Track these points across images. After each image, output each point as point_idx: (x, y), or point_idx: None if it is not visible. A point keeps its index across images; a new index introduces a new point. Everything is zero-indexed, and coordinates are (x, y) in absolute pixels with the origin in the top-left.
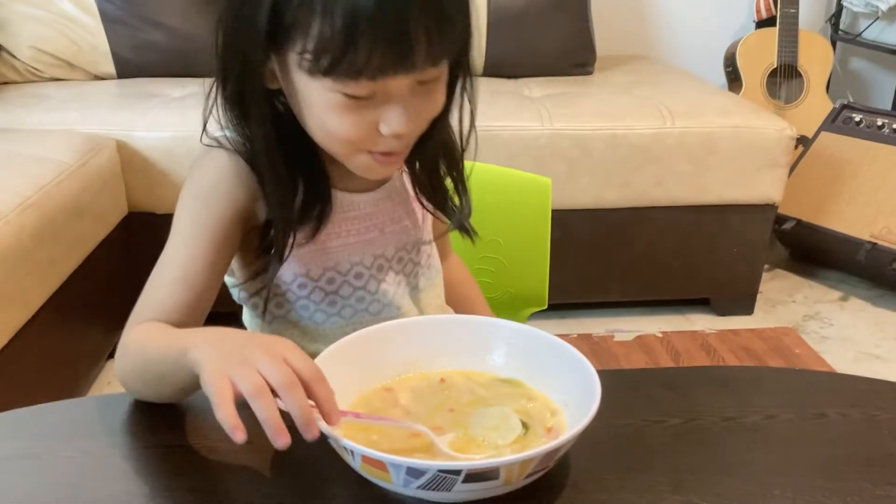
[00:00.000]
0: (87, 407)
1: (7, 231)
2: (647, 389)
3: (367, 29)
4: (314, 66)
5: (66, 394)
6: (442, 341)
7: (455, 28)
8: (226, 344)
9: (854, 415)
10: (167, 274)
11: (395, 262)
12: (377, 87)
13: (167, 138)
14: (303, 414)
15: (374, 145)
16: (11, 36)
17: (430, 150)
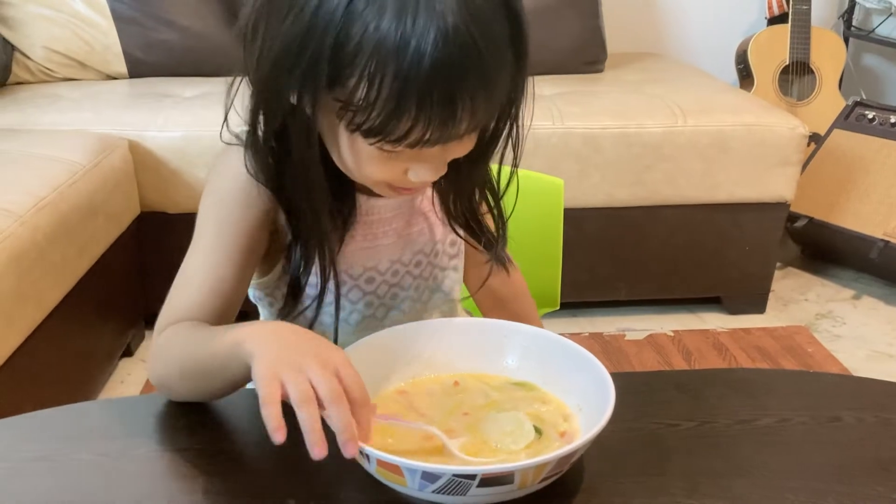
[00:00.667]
0: (102, 410)
1: (22, 231)
2: (661, 392)
3: (414, 104)
4: (352, 123)
5: (80, 392)
6: (456, 344)
7: (501, 93)
8: (281, 341)
9: (868, 418)
10: (194, 281)
11: (413, 267)
12: None
13: (179, 138)
14: (346, 430)
15: (400, 184)
16: (25, 37)
17: (467, 190)
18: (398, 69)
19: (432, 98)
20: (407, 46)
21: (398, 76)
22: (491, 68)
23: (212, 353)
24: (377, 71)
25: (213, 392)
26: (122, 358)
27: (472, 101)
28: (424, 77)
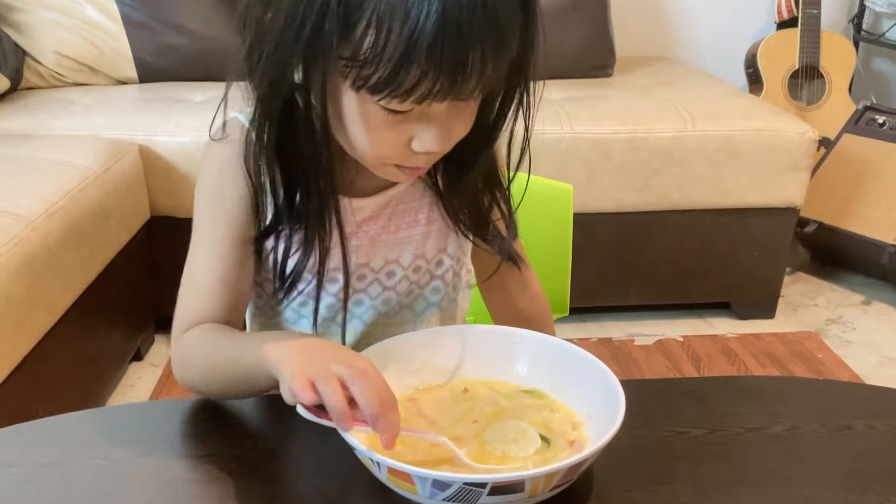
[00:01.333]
0: (113, 416)
1: (34, 236)
2: (670, 400)
3: (424, 56)
4: (359, 78)
5: (90, 396)
6: (466, 351)
7: (511, 52)
8: (306, 351)
9: (880, 426)
10: (202, 278)
11: (412, 272)
12: (419, 106)
13: (189, 143)
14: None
15: (403, 160)
16: (36, 42)
17: (471, 181)
18: (407, 16)
19: (442, 47)
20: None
21: (407, 23)
22: (502, 24)
23: (236, 365)
24: (385, 18)
25: (242, 396)
26: (132, 362)
27: (482, 54)
28: (435, 25)
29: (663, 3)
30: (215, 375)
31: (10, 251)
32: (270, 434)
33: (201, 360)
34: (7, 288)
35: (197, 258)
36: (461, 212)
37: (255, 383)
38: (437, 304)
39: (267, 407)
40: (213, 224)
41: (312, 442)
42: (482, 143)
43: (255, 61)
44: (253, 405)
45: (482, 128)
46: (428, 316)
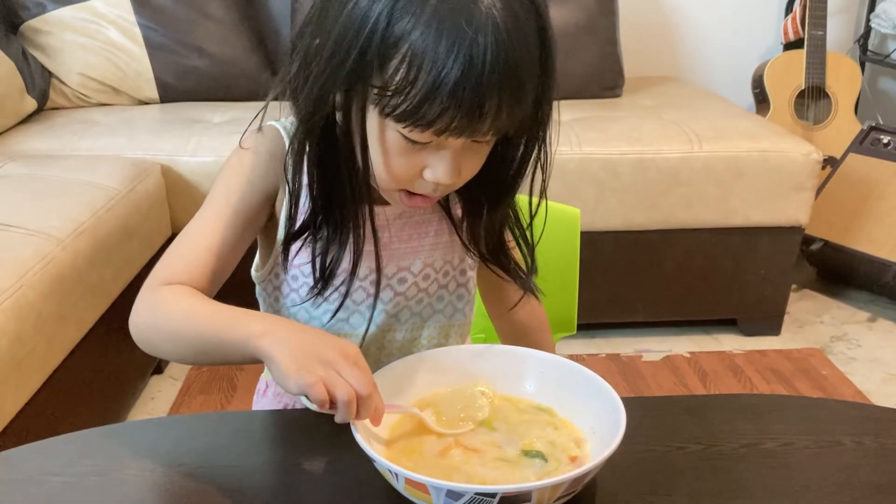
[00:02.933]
0: (150, 428)
1: (64, 256)
2: (671, 416)
3: (446, 94)
4: (387, 106)
5: (113, 408)
6: (476, 369)
7: (526, 101)
8: (296, 338)
9: (868, 443)
10: (197, 240)
11: (421, 279)
12: (436, 139)
13: (210, 163)
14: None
15: (413, 187)
16: (62, 64)
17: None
18: (436, 59)
19: (464, 90)
20: (448, 41)
21: (436, 66)
22: (520, 76)
23: (215, 335)
24: (417, 58)
25: (204, 363)
26: (153, 375)
27: (499, 100)
28: (460, 70)
29: (672, 24)
30: (186, 339)
31: (42, 269)
32: (292, 447)
33: (175, 318)
34: (40, 305)
35: (199, 222)
36: (480, 243)
37: (229, 357)
38: (443, 311)
39: (288, 421)
40: (226, 199)
41: (332, 455)
42: (503, 193)
43: (301, 82)
44: (275, 420)
45: (503, 178)
46: (434, 322)
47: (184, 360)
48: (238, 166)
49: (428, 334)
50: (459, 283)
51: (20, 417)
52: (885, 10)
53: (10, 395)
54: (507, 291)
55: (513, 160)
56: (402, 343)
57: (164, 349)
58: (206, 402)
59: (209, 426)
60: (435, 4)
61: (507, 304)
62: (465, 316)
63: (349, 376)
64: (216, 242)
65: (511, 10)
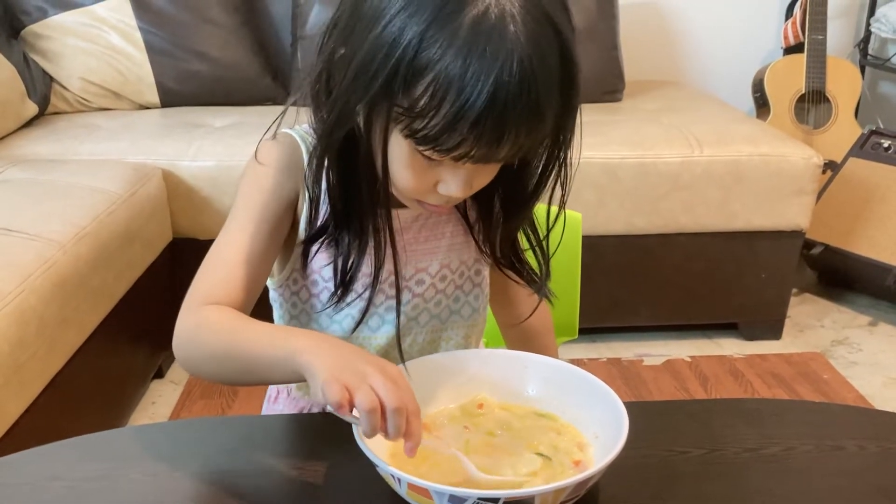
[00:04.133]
0: (151, 433)
1: (66, 260)
2: (673, 421)
3: (468, 126)
4: (409, 128)
5: (115, 412)
6: (480, 374)
7: (545, 127)
8: (337, 352)
9: (871, 447)
10: (228, 255)
11: (439, 280)
12: None
13: (211, 167)
14: (398, 436)
15: (428, 198)
16: (63, 69)
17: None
18: (461, 91)
19: (486, 122)
20: (473, 74)
21: (460, 97)
22: (542, 105)
23: (259, 354)
24: (443, 86)
25: (248, 383)
26: (154, 379)
27: (517, 130)
28: (483, 103)
29: (672, 28)
30: (230, 359)
31: (44, 274)
32: (295, 452)
33: (218, 339)
34: (42, 309)
35: (226, 238)
36: (495, 248)
37: (273, 375)
38: (459, 311)
39: (291, 426)
40: (250, 210)
41: (335, 459)
42: (520, 206)
43: (323, 92)
44: (279, 424)
45: (521, 192)
46: (452, 324)
47: (228, 381)
48: (255, 179)
49: (446, 335)
50: (475, 283)
51: (22, 422)
52: (885, 15)
53: (11, 399)
54: (518, 296)
55: (531, 176)
56: (423, 346)
57: (208, 370)
58: (208, 407)
59: (212, 430)
60: (465, 36)
61: (517, 308)
62: (480, 315)
63: (380, 388)
64: (246, 256)
65: (537, 43)
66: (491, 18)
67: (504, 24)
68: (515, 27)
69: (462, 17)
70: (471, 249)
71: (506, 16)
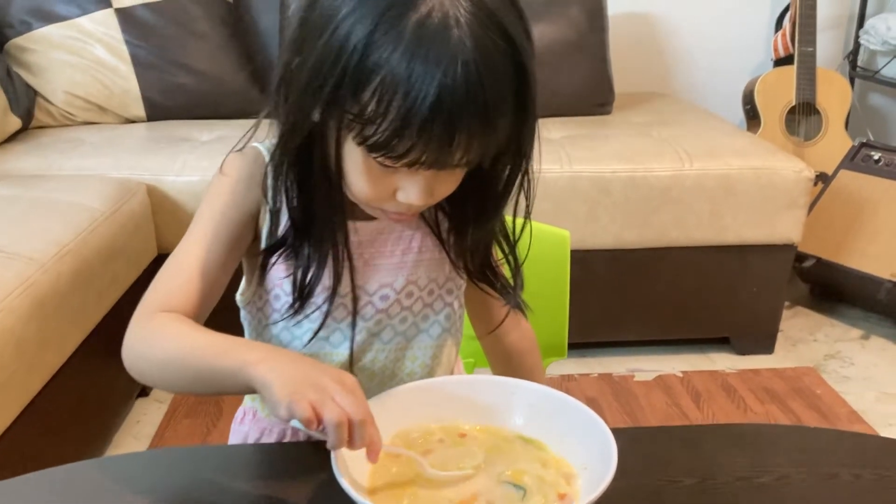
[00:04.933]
0: (123, 465)
1: (46, 279)
2: (665, 448)
3: (416, 130)
4: (359, 135)
5: (98, 432)
6: (463, 401)
7: (497, 134)
8: (292, 365)
9: (866, 475)
10: (184, 264)
11: (404, 297)
12: None
13: (196, 182)
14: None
15: (387, 206)
16: (47, 82)
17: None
18: (406, 95)
19: (433, 126)
20: (417, 77)
21: (406, 101)
22: (491, 110)
23: (211, 364)
24: (389, 90)
25: (199, 393)
26: (139, 398)
27: (468, 135)
28: (428, 107)
29: (662, 40)
30: (182, 368)
31: (22, 294)
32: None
33: (168, 348)
34: (20, 330)
35: (184, 247)
36: (467, 260)
37: (224, 386)
38: (427, 331)
39: (270, 456)
40: (210, 221)
41: (314, 489)
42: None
43: (281, 101)
44: (257, 454)
45: (488, 197)
46: (418, 343)
47: (176, 390)
48: (216, 190)
49: (411, 354)
50: (446, 303)
51: None
52: (873, 27)
53: None
54: (494, 309)
55: (497, 181)
56: (385, 364)
57: (157, 379)
58: (192, 426)
59: (190, 461)
60: (408, 39)
61: (493, 322)
62: (451, 335)
63: (342, 401)
64: (203, 265)
65: (484, 47)
66: (434, 21)
67: (447, 28)
68: (460, 31)
69: (407, 19)
70: (443, 267)
71: (449, 19)
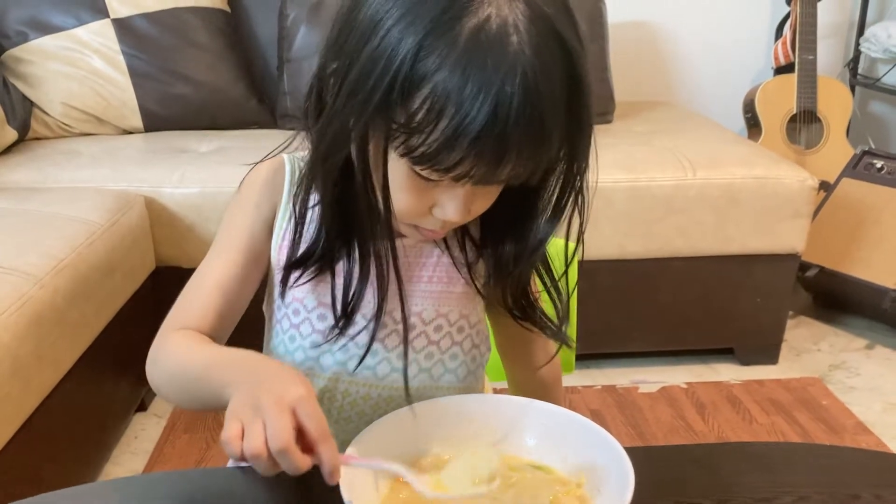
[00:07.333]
0: (123, 488)
1: (42, 294)
2: (679, 468)
3: (468, 143)
4: (405, 145)
5: (95, 448)
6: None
7: (550, 148)
8: (248, 386)
9: (888, 496)
10: (203, 281)
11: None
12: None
13: (195, 194)
14: (296, 472)
15: (423, 222)
16: (44, 94)
17: (523, 270)
18: (461, 105)
19: (487, 139)
20: (472, 87)
21: (459, 112)
22: (547, 124)
23: (203, 386)
24: (441, 99)
25: (200, 408)
26: (137, 412)
27: (519, 149)
28: (483, 118)
29: (663, 49)
30: (181, 381)
31: (18, 310)
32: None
33: (174, 362)
34: (15, 347)
35: (206, 264)
36: (506, 294)
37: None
38: (455, 371)
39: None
40: (229, 237)
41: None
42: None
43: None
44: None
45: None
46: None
47: (184, 405)
48: (237, 202)
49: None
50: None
51: None
52: (874, 35)
53: None
54: (534, 346)
55: (545, 207)
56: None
57: (169, 393)
58: (191, 441)
59: (184, 484)
60: (463, 46)
61: (533, 359)
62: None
63: (269, 427)
64: (221, 281)
65: (541, 56)
66: (493, 28)
67: (506, 35)
68: (519, 38)
69: (461, 26)
70: (475, 305)
71: (508, 26)
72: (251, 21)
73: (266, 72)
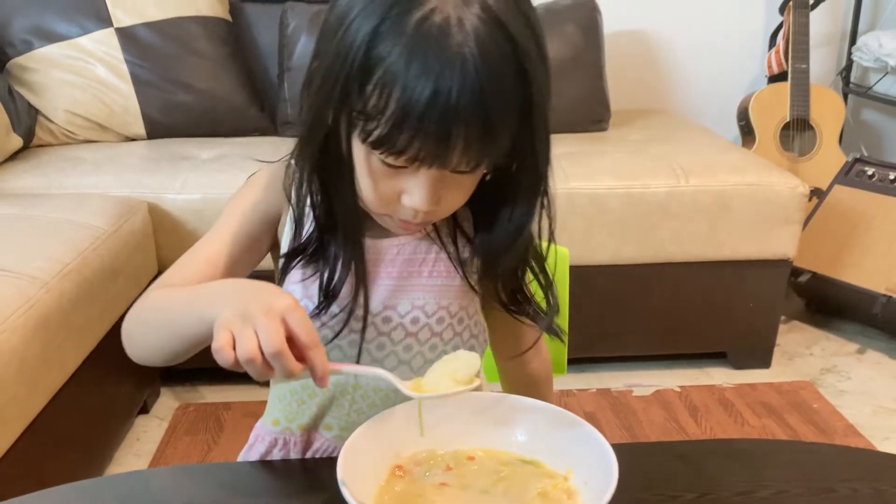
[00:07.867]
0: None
1: (48, 298)
2: (664, 463)
3: (414, 123)
4: (363, 131)
5: (98, 450)
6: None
7: (497, 142)
8: (234, 297)
9: (863, 489)
10: (196, 254)
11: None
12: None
13: (197, 200)
14: (289, 376)
15: (395, 212)
16: (48, 101)
17: (508, 262)
18: (406, 87)
19: (430, 120)
20: (414, 71)
21: (405, 93)
22: (490, 112)
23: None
24: (388, 84)
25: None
26: (139, 415)
27: (465, 134)
28: (425, 100)
29: (657, 57)
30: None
31: (26, 313)
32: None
33: (153, 304)
34: (22, 349)
35: (201, 241)
36: (498, 287)
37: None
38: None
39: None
40: (227, 218)
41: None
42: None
43: (302, 104)
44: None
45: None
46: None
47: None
48: (239, 195)
49: None
50: (473, 334)
51: (0, 466)
52: (866, 44)
53: None
54: (522, 332)
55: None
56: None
57: (146, 336)
58: (193, 443)
59: (189, 479)
60: (410, 34)
61: (521, 344)
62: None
63: (261, 331)
64: (213, 256)
65: (485, 49)
66: (436, 20)
67: (449, 26)
68: (462, 33)
69: (409, 16)
70: (473, 297)
71: (451, 19)
72: (252, 30)
73: (267, 80)
